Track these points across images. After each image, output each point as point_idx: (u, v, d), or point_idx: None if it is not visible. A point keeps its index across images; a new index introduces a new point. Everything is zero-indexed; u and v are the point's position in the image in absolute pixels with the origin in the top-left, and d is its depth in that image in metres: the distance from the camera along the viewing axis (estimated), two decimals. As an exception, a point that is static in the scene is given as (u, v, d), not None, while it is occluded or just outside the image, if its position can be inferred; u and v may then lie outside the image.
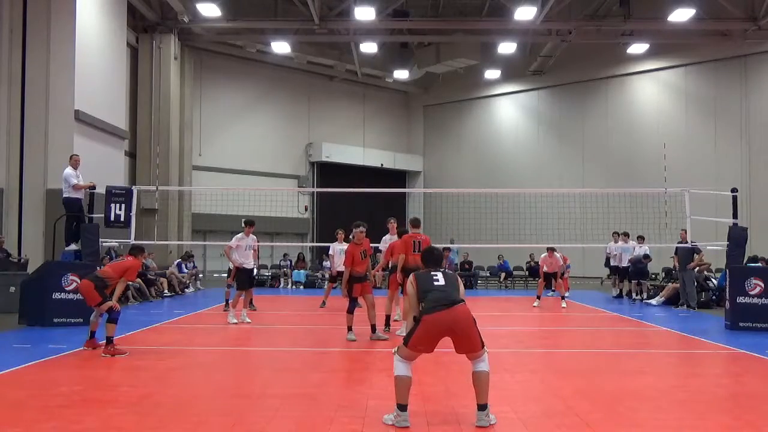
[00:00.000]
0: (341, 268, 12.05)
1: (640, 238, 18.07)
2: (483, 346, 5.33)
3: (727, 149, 24.01)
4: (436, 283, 5.36)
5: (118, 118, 20.12)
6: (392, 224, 12.23)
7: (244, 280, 12.26)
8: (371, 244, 11.00)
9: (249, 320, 12.06)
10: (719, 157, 24.04)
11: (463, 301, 5.34)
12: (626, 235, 18.29)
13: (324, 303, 15.12)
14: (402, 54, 27.44)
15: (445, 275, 5.46)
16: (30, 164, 16.69)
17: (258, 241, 12.82)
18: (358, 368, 7.25)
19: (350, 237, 10.43)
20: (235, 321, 11.88)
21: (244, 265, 12.19)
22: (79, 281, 11.48)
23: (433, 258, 5.75)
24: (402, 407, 5.24)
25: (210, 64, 26.71)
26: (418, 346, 5.26)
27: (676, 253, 16.20)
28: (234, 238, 12.31)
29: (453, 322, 5.20)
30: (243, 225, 12.49)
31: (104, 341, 8.47)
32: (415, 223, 10.74)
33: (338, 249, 14.82)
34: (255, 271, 13.26)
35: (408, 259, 10.20)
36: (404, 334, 9.42)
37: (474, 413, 5.33)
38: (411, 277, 5.57)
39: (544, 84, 29.19)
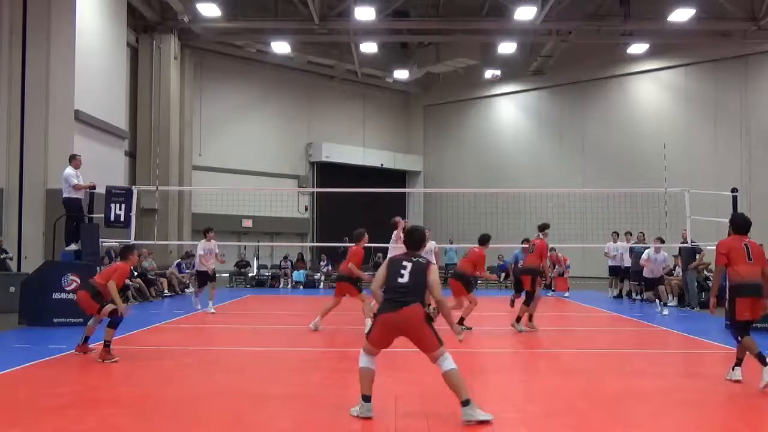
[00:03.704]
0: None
1: (628, 234, 18.13)
2: (441, 344, 5.31)
3: (727, 149, 24.00)
4: (399, 280, 5.36)
5: (118, 118, 20.12)
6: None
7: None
8: (372, 245, 11.14)
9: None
10: (719, 157, 24.03)
11: (416, 301, 5.29)
12: (629, 234, 18.26)
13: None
14: (402, 54, 27.46)
15: (413, 268, 5.39)
16: (30, 164, 16.68)
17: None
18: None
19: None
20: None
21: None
22: (78, 282, 11.54)
23: (413, 240, 5.70)
24: (365, 398, 5.35)
25: (210, 64, 26.70)
26: (375, 342, 5.42)
27: (680, 254, 16.19)
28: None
29: (402, 323, 5.27)
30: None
31: (98, 345, 8.27)
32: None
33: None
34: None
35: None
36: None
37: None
38: (386, 260, 5.70)
39: (544, 84, 29.17)
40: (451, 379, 5.25)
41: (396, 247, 11.87)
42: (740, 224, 7.42)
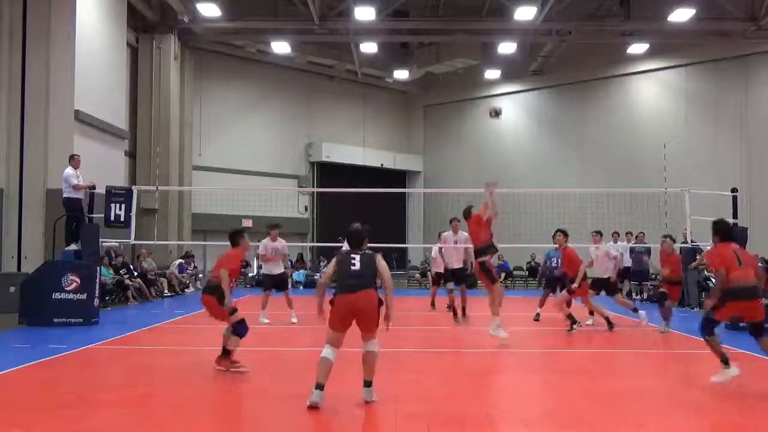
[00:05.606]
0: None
1: (629, 234, 18.12)
2: (376, 328, 5.81)
3: (727, 149, 23.98)
4: (352, 268, 5.89)
5: (118, 118, 20.11)
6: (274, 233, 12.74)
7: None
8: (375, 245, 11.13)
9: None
10: (719, 157, 24.01)
11: (370, 286, 5.82)
12: (630, 234, 18.25)
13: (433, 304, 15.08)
14: (402, 54, 27.42)
15: (362, 258, 5.96)
16: (30, 164, 16.64)
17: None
18: (358, 368, 7.24)
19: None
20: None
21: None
22: (78, 282, 11.51)
23: (352, 239, 6.24)
24: (318, 385, 5.71)
25: (210, 64, 26.69)
26: (335, 324, 5.85)
27: (680, 253, 16.21)
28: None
29: (359, 304, 5.76)
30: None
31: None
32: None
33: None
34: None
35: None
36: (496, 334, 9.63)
37: (475, 414, 5.33)
38: (334, 259, 6.15)
39: (544, 84, 29.17)
40: (367, 359, 5.89)
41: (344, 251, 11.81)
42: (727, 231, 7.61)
